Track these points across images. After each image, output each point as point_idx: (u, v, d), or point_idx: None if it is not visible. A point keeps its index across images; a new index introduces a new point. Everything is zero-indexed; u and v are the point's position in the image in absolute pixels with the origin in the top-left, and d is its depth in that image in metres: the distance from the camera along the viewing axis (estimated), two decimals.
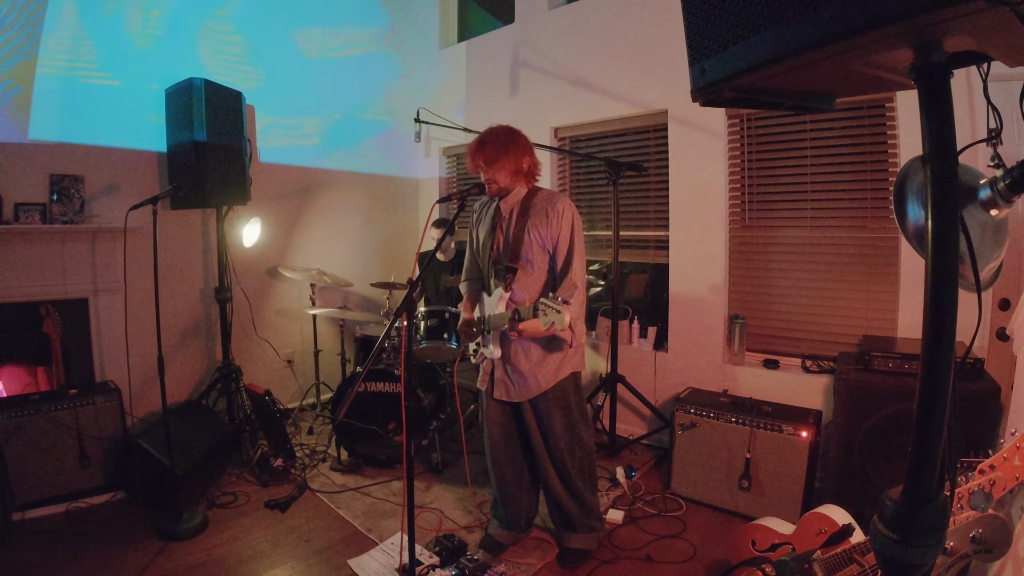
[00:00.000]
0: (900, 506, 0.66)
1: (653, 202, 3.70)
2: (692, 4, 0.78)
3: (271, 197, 4.05)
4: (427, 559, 2.31)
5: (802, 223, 3.09)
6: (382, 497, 2.91)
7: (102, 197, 3.23)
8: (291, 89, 4.19)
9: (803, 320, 3.12)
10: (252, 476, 3.10)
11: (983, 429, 2.03)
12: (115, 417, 2.91)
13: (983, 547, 1.21)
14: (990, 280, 0.81)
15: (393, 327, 2.39)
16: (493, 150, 2.13)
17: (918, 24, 0.52)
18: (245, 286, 3.83)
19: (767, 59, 0.66)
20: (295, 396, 4.25)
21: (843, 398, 2.39)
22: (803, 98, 0.83)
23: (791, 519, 2.02)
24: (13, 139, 2.95)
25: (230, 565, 2.33)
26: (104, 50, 3.25)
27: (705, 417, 2.74)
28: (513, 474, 2.38)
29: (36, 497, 2.65)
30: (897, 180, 0.81)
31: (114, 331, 3.21)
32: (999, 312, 2.36)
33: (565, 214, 2.16)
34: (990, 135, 0.77)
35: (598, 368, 3.73)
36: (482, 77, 4.61)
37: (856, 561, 1.54)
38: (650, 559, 2.36)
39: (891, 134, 2.77)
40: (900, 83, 0.71)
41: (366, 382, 3.13)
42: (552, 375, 2.21)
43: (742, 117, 3.21)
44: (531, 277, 2.21)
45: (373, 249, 4.82)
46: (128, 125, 3.36)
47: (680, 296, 3.51)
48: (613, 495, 2.89)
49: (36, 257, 2.99)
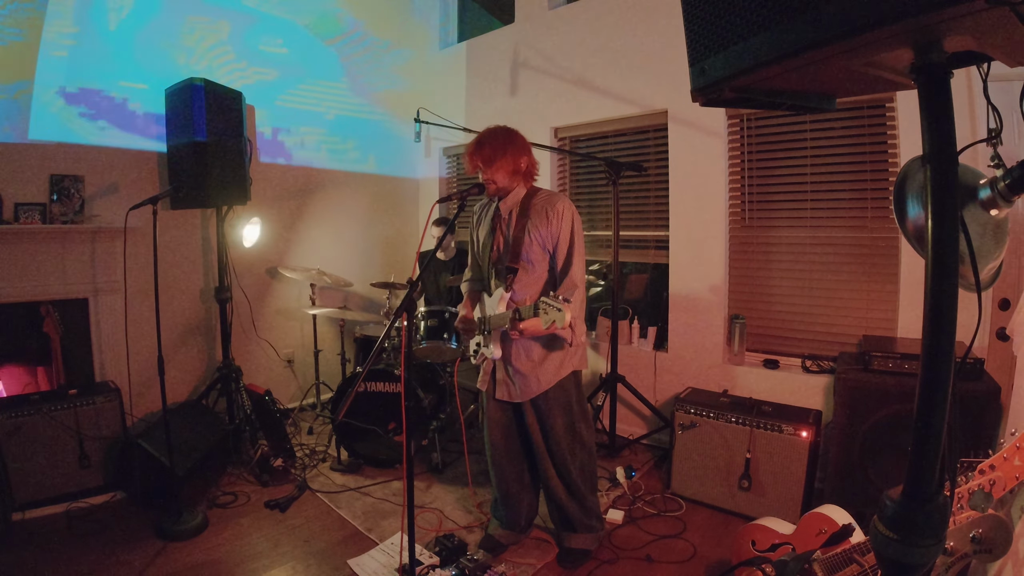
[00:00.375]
0: (900, 506, 0.66)
1: (653, 202, 3.70)
2: (692, 4, 0.78)
3: (271, 197, 4.05)
4: (427, 559, 2.31)
5: (802, 223, 3.09)
6: (382, 497, 2.91)
7: (102, 197, 3.23)
8: (291, 89, 4.19)
9: (803, 320, 3.12)
10: (252, 476, 3.09)
11: (983, 429, 2.03)
12: (115, 417, 2.91)
13: (983, 547, 1.21)
14: (990, 280, 0.81)
15: (393, 327, 2.39)
16: (491, 150, 2.13)
17: (918, 24, 0.52)
18: (245, 286, 3.83)
19: (767, 59, 0.66)
20: (295, 396, 4.25)
21: (843, 398, 2.39)
22: (803, 98, 0.83)
23: (791, 519, 2.02)
24: (13, 139, 2.95)
25: (230, 565, 2.33)
26: (104, 50, 3.25)
27: (705, 417, 2.74)
28: (513, 474, 2.38)
29: (36, 497, 2.65)
30: (897, 180, 0.81)
31: (114, 331, 3.21)
32: (999, 312, 2.36)
33: (565, 214, 2.17)
34: (990, 135, 0.77)
35: (598, 368, 3.73)
36: (482, 77, 4.61)
37: (856, 561, 1.53)
38: (650, 559, 2.36)
39: (891, 134, 2.77)
40: (900, 83, 0.71)
41: (366, 382, 3.13)
42: (553, 374, 2.21)
43: (742, 117, 3.21)
44: (532, 277, 2.21)
45: (373, 249, 4.82)
46: (128, 125, 3.36)
47: (680, 296, 3.51)
48: (613, 495, 2.89)
49: (36, 257, 2.99)
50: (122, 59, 3.32)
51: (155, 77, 3.39)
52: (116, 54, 3.30)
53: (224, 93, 3.28)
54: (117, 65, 3.31)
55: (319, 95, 4.39)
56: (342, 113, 4.57)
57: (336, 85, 4.49)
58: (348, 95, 4.60)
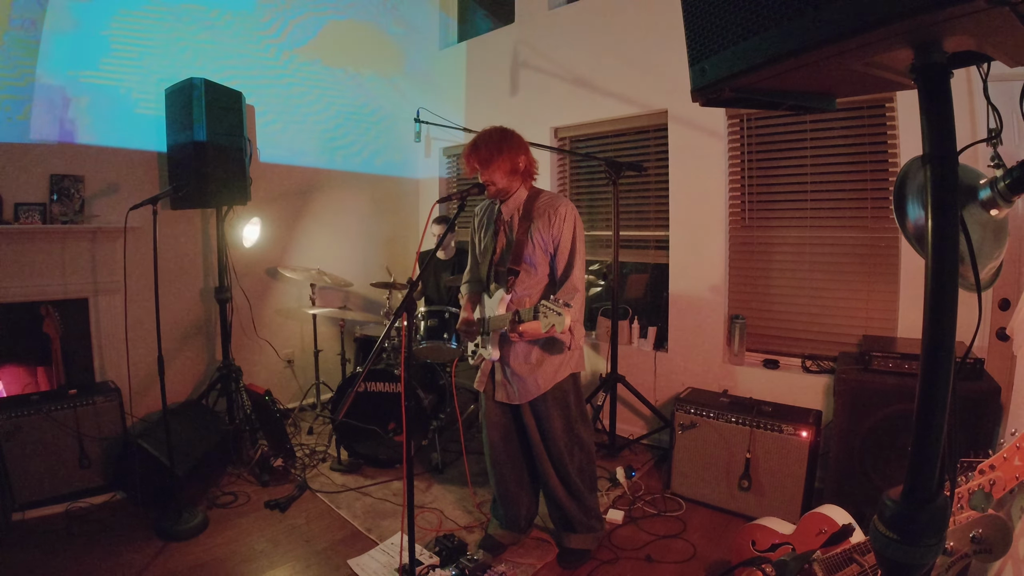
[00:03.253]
0: (900, 506, 0.66)
1: (653, 202, 3.70)
2: (692, 4, 0.78)
3: (271, 197, 4.05)
4: (427, 559, 2.31)
5: (802, 223, 3.09)
6: (382, 497, 2.91)
7: (102, 197, 3.23)
8: (292, 88, 4.19)
9: (803, 320, 3.12)
10: (252, 476, 3.09)
11: (983, 429, 2.03)
12: (115, 417, 2.91)
13: (983, 547, 1.21)
14: (990, 280, 0.81)
15: (393, 327, 2.39)
16: (487, 151, 2.13)
17: (918, 24, 0.52)
18: (245, 286, 3.83)
19: (767, 59, 0.66)
20: (295, 396, 4.25)
21: (843, 398, 2.39)
22: (803, 98, 0.84)
23: (791, 519, 2.02)
24: (13, 139, 2.95)
25: (230, 565, 2.33)
26: (104, 50, 3.25)
27: (705, 417, 2.74)
28: (513, 474, 2.38)
29: (36, 497, 2.65)
30: (897, 180, 0.81)
31: (114, 331, 3.21)
32: (999, 312, 2.36)
33: (567, 217, 2.17)
34: (990, 135, 0.77)
35: (598, 368, 3.73)
36: (482, 77, 4.61)
37: (856, 561, 1.54)
38: (650, 559, 2.36)
39: (891, 134, 2.77)
40: (900, 83, 0.71)
41: (366, 382, 3.12)
42: (551, 377, 2.21)
43: (742, 117, 3.21)
44: (533, 279, 2.21)
45: (373, 249, 4.82)
46: (128, 125, 3.36)
47: (680, 296, 3.51)
48: (613, 495, 2.89)
49: (36, 257, 2.99)
50: (122, 57, 3.32)
51: (155, 76, 3.39)
52: (116, 52, 3.30)
53: (224, 93, 3.28)
54: (117, 64, 3.31)
55: (319, 95, 4.39)
56: (342, 113, 4.57)
57: (336, 85, 4.49)
58: (348, 95, 4.60)
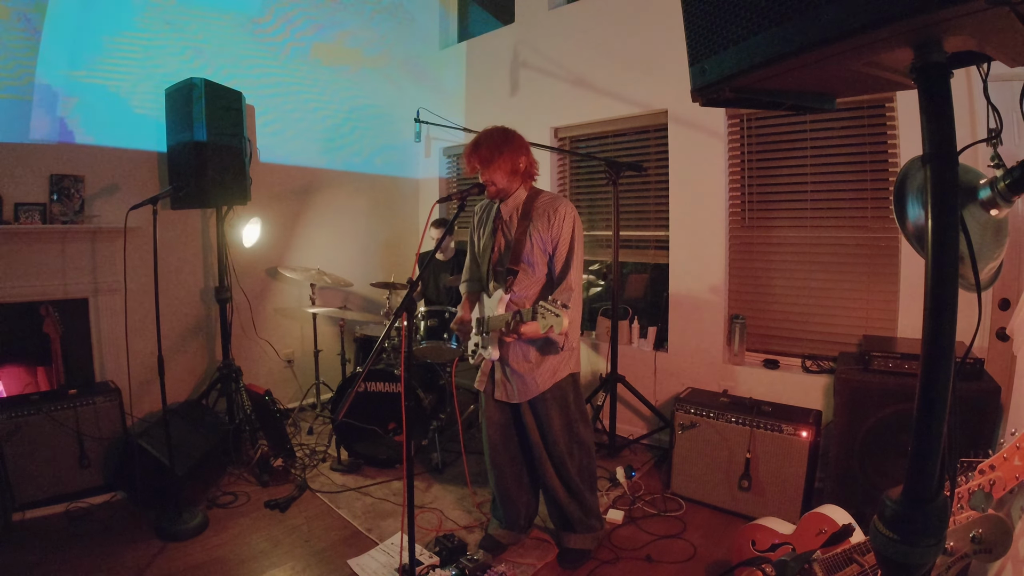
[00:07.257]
0: (900, 506, 0.66)
1: (653, 202, 3.70)
2: (692, 4, 0.78)
3: (271, 197, 4.05)
4: (427, 559, 2.31)
5: (802, 223, 3.09)
6: (382, 497, 2.91)
7: (102, 197, 3.23)
8: (291, 88, 4.19)
9: (803, 320, 3.12)
10: (252, 476, 3.09)
11: (983, 429, 2.02)
12: (115, 417, 2.91)
13: (983, 547, 1.21)
14: (990, 280, 0.81)
15: (393, 327, 2.39)
16: (488, 151, 2.13)
17: (918, 24, 0.52)
18: (245, 286, 3.83)
19: (767, 59, 0.66)
20: (295, 396, 4.25)
21: (843, 398, 2.39)
22: (803, 98, 0.84)
23: (791, 519, 2.02)
24: (13, 139, 2.94)
25: (230, 565, 2.33)
26: (104, 50, 3.25)
27: (705, 417, 2.74)
28: (512, 474, 2.38)
29: (36, 497, 2.65)
30: (897, 180, 0.81)
31: (114, 331, 3.21)
32: (999, 312, 2.36)
33: (567, 218, 2.17)
34: (990, 135, 0.77)
35: (598, 368, 3.73)
36: (482, 77, 4.61)
37: (856, 561, 1.53)
38: (650, 559, 2.36)
39: (891, 134, 2.77)
40: (900, 83, 0.71)
41: (366, 382, 3.12)
42: (550, 376, 2.21)
43: (742, 117, 3.21)
44: (531, 280, 2.21)
45: (373, 249, 4.82)
46: (128, 125, 3.36)
47: (680, 296, 3.51)
48: (613, 495, 2.89)
49: (36, 257, 2.99)
50: (122, 59, 3.32)
51: (155, 76, 3.39)
52: (116, 52, 3.30)
53: (224, 93, 3.28)
54: (117, 64, 3.30)
55: (319, 95, 4.39)
56: (342, 113, 4.57)
57: (336, 85, 4.49)
58: (348, 95, 4.60)
